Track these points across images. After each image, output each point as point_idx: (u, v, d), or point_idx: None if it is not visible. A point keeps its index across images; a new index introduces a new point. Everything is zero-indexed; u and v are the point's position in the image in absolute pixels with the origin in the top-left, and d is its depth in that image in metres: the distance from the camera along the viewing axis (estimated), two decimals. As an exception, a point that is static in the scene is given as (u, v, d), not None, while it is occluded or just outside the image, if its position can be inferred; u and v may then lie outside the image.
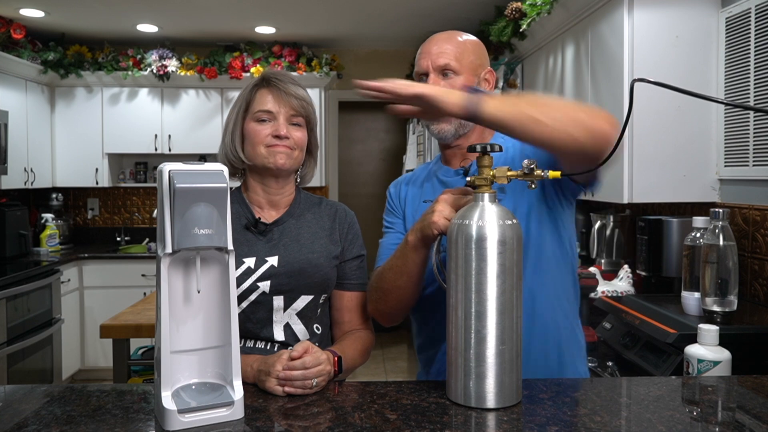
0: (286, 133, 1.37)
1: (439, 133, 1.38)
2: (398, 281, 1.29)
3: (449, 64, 1.35)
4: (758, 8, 2.08)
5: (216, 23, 4.44)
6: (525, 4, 3.22)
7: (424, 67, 1.37)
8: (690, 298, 1.83)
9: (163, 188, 0.99)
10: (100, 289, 4.54)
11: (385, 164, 6.88)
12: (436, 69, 1.36)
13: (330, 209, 1.49)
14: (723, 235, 1.71)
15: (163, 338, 0.99)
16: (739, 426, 1.01)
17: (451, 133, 1.38)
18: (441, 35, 1.40)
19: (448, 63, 1.35)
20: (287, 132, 1.37)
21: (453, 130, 1.37)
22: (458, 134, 1.39)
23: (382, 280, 1.34)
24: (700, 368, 1.40)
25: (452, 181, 1.41)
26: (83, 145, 4.79)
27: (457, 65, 1.35)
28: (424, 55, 1.38)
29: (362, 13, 4.19)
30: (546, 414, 1.01)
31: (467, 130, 1.39)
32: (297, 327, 1.38)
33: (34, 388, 1.16)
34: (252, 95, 1.40)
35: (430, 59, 1.36)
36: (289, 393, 1.11)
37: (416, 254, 1.24)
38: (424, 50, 1.39)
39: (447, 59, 1.35)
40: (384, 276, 1.33)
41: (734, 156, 2.21)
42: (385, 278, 1.33)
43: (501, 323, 1.03)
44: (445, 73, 1.36)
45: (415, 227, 1.23)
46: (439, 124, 1.37)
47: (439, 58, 1.35)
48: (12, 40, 4.21)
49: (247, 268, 1.35)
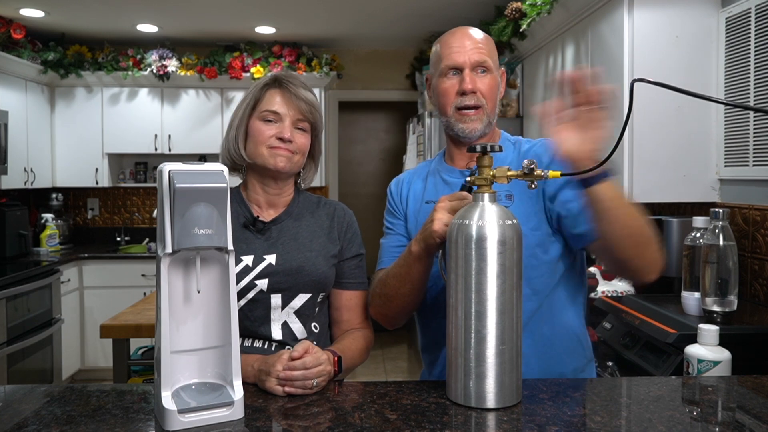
0: (290, 136, 1.36)
1: (471, 133, 1.35)
2: (402, 289, 1.30)
3: (486, 61, 1.34)
4: (758, 8, 2.08)
5: (216, 23, 4.44)
6: (525, 4, 3.22)
7: (460, 62, 1.34)
8: (690, 298, 1.83)
9: (163, 188, 0.99)
10: (100, 289, 4.54)
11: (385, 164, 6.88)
12: (473, 64, 1.34)
13: (329, 208, 1.49)
14: (723, 235, 1.71)
15: (163, 338, 0.99)
16: (739, 426, 1.01)
17: (480, 132, 1.36)
18: (467, 30, 1.38)
19: (486, 60, 1.34)
20: (291, 136, 1.36)
21: (482, 129, 1.36)
22: (484, 133, 1.38)
23: (386, 287, 1.34)
24: (700, 368, 1.40)
25: (457, 181, 1.39)
26: (83, 145, 4.79)
27: (491, 63, 1.35)
28: (458, 50, 1.34)
29: (362, 13, 4.19)
30: (546, 414, 1.01)
31: (490, 130, 1.39)
32: (295, 325, 1.38)
33: (34, 388, 1.16)
34: (261, 94, 1.39)
35: (467, 55, 1.33)
36: (290, 393, 1.11)
37: (420, 264, 1.24)
38: (455, 44, 1.35)
39: (484, 56, 1.34)
40: (387, 283, 1.33)
41: (734, 156, 2.21)
42: (388, 285, 1.33)
43: (501, 323, 1.03)
44: (480, 69, 1.34)
45: (417, 237, 1.23)
46: (471, 123, 1.34)
47: (477, 54, 1.33)
48: (12, 40, 4.21)
49: (245, 266, 1.35)
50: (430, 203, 1.40)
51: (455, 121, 1.36)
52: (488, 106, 1.35)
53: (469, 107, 1.34)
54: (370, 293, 1.44)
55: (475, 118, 1.34)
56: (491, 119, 1.37)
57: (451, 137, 1.42)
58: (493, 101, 1.36)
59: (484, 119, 1.35)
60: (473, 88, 1.33)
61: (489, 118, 1.36)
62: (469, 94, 1.33)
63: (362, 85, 5.39)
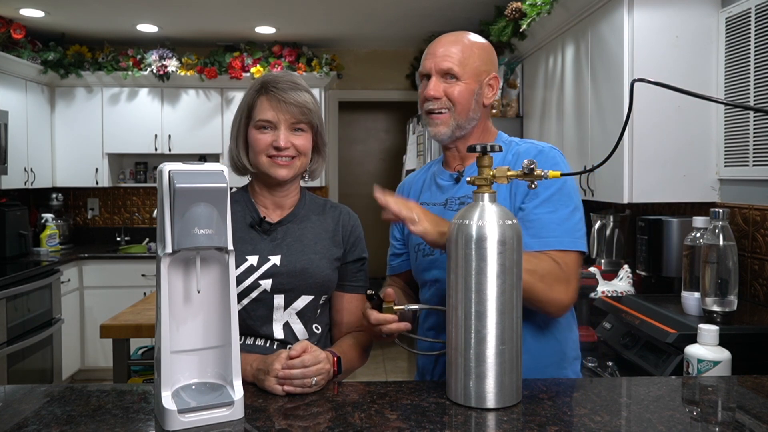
0: (286, 143, 1.35)
1: (436, 136, 1.39)
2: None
3: (452, 68, 1.35)
4: (758, 8, 2.08)
5: (216, 23, 4.44)
6: (525, 4, 3.22)
7: (428, 68, 1.37)
8: (690, 298, 1.83)
9: (163, 188, 0.99)
10: (100, 289, 4.54)
11: (385, 164, 6.88)
12: (439, 72, 1.36)
13: (334, 212, 1.49)
14: (723, 235, 1.71)
15: (163, 338, 0.99)
16: (739, 426, 1.01)
17: (447, 136, 1.39)
18: (449, 37, 1.39)
19: (451, 68, 1.35)
20: (287, 142, 1.35)
21: (450, 133, 1.38)
22: (455, 136, 1.39)
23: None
24: (700, 368, 1.40)
25: (446, 183, 1.43)
26: (83, 145, 4.79)
27: (459, 70, 1.35)
28: (429, 56, 1.38)
29: (362, 13, 4.19)
30: (546, 414, 1.01)
31: (465, 132, 1.39)
32: (296, 326, 1.38)
33: (34, 388, 1.17)
34: (254, 101, 1.38)
35: (434, 62, 1.36)
36: (289, 392, 1.11)
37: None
38: (429, 51, 1.39)
39: (450, 63, 1.35)
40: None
41: (734, 156, 2.21)
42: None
43: (501, 323, 1.03)
44: (446, 76, 1.36)
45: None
46: (436, 127, 1.38)
47: (443, 62, 1.35)
48: (12, 40, 4.21)
49: (250, 265, 1.35)
50: (423, 205, 1.41)
51: (426, 124, 1.41)
52: (458, 111, 1.36)
53: (432, 111, 1.38)
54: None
55: (440, 122, 1.37)
56: (460, 123, 1.37)
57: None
58: (463, 106, 1.36)
59: (451, 123, 1.37)
60: (435, 95, 1.36)
61: (457, 122, 1.37)
62: (431, 99, 1.37)
63: (362, 85, 5.39)
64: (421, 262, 1.42)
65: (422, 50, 5.27)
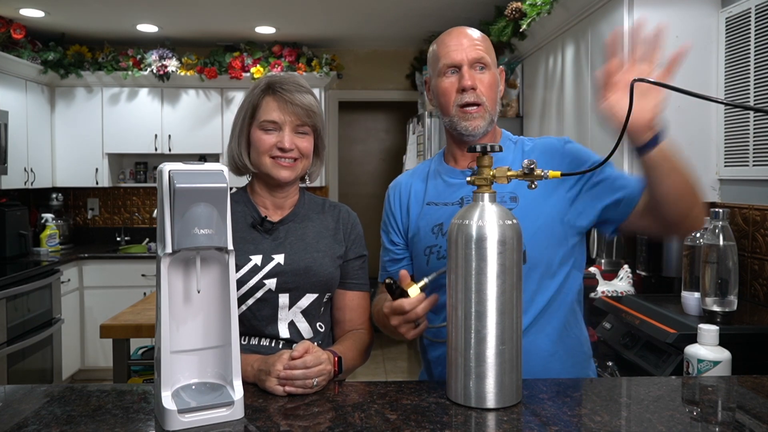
0: (291, 145, 1.35)
1: (475, 130, 1.34)
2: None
3: (483, 57, 1.34)
4: (758, 8, 2.08)
5: (216, 23, 4.44)
6: (525, 4, 3.22)
7: (458, 60, 1.33)
8: (690, 298, 1.83)
9: (163, 188, 0.99)
10: (100, 289, 4.54)
11: (385, 164, 6.88)
12: (471, 62, 1.33)
13: (333, 210, 1.50)
14: (723, 235, 1.71)
15: (163, 338, 0.99)
16: (739, 426, 1.01)
17: (483, 129, 1.35)
18: (464, 29, 1.38)
19: (483, 56, 1.34)
20: (291, 143, 1.36)
21: (485, 126, 1.35)
22: (487, 131, 1.37)
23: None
24: (700, 368, 1.40)
25: (458, 182, 1.39)
26: (83, 145, 4.79)
27: (488, 59, 1.35)
28: (455, 48, 1.34)
29: (362, 13, 4.19)
30: (546, 414, 1.01)
31: (492, 128, 1.39)
32: (301, 325, 1.39)
33: (34, 388, 1.16)
34: (258, 100, 1.38)
35: (465, 52, 1.33)
36: (290, 392, 1.11)
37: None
38: (452, 43, 1.35)
39: (482, 52, 1.34)
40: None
41: (734, 156, 2.21)
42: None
43: (501, 323, 1.03)
44: (479, 66, 1.34)
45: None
46: (473, 121, 1.33)
47: (473, 51, 1.33)
48: (12, 40, 4.21)
49: (254, 265, 1.35)
50: (431, 205, 1.40)
51: (458, 120, 1.35)
52: (489, 104, 1.34)
53: (470, 104, 1.33)
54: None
55: (477, 115, 1.33)
56: (493, 117, 1.36)
57: (453, 137, 1.41)
58: (492, 99, 1.35)
59: (486, 116, 1.34)
60: (473, 85, 1.32)
61: (491, 115, 1.35)
62: (469, 90, 1.32)
63: (362, 85, 5.39)
64: (435, 265, 1.37)
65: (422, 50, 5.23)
